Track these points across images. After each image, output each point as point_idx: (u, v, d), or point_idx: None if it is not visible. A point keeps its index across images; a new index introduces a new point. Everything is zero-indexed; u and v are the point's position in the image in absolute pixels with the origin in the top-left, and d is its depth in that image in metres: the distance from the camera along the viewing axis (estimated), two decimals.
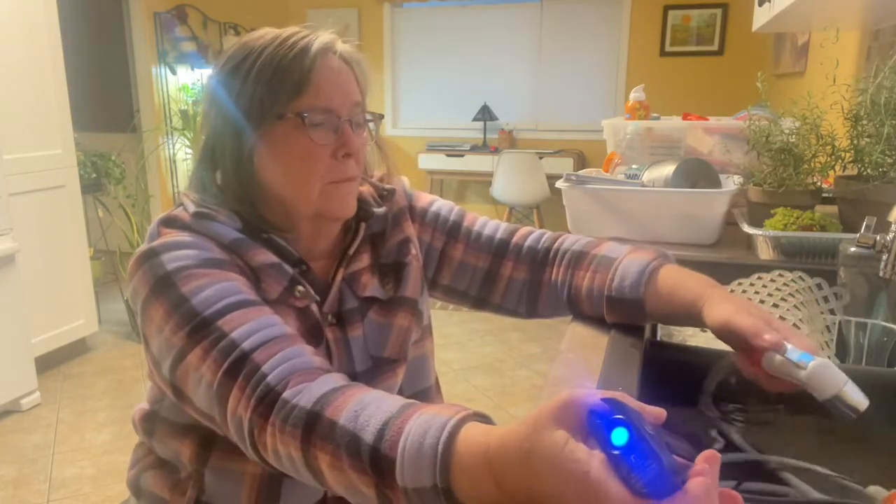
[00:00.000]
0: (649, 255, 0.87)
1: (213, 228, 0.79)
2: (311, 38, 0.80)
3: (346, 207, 0.84)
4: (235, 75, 0.80)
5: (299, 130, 0.79)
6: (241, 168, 0.81)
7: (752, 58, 4.51)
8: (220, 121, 0.82)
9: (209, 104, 0.83)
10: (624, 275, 0.85)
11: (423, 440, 0.53)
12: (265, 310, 0.73)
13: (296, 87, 0.78)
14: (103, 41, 4.72)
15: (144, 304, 0.74)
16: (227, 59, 0.82)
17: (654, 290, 0.83)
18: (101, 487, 2.24)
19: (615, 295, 0.85)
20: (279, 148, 0.80)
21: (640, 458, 0.41)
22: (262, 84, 0.78)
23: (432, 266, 0.98)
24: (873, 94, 1.14)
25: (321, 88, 0.79)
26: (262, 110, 0.79)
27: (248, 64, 0.79)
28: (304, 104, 0.79)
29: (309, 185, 0.81)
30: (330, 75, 0.80)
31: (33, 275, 2.92)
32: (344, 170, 0.82)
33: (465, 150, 5.17)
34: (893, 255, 0.83)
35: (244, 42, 0.82)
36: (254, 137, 0.80)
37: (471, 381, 3.07)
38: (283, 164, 0.81)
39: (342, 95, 0.81)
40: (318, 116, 0.79)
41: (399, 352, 0.90)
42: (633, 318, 0.86)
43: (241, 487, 0.83)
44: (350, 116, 0.82)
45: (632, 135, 1.96)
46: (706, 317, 0.74)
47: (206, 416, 0.71)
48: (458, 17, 5.37)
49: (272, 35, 0.81)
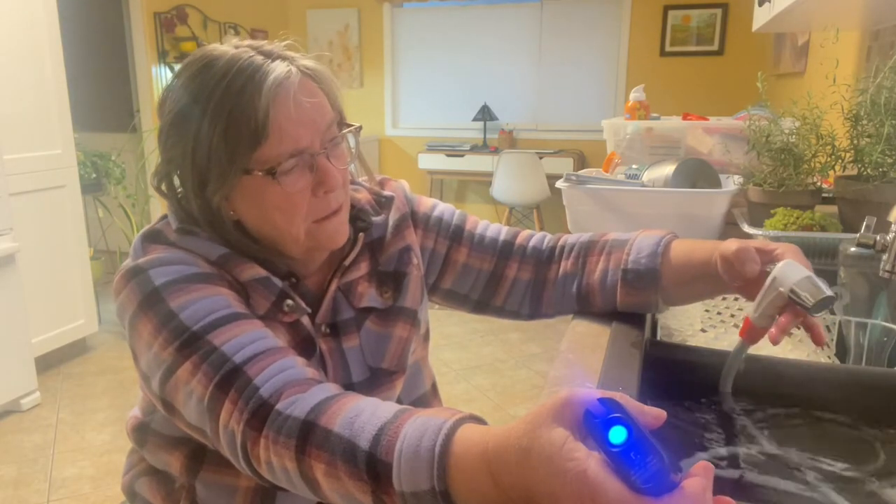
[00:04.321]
0: (661, 231, 0.90)
1: (199, 244, 0.77)
2: (263, 72, 0.71)
3: (336, 240, 0.80)
4: (188, 122, 0.72)
5: (270, 182, 0.73)
6: (212, 215, 0.76)
7: (752, 58, 4.50)
8: (179, 165, 0.75)
9: (165, 144, 0.76)
10: (640, 248, 0.87)
11: (420, 443, 0.53)
12: (255, 323, 0.72)
13: (254, 136, 0.70)
14: (103, 41, 4.72)
15: (132, 320, 0.72)
16: (179, 89, 0.74)
17: (670, 259, 0.85)
18: (101, 487, 2.24)
19: (632, 268, 0.86)
20: (254, 200, 0.75)
21: (640, 455, 0.41)
22: (218, 136, 0.70)
23: (434, 271, 0.96)
24: (873, 94, 1.14)
25: (284, 130, 0.72)
26: (222, 166, 0.72)
27: (199, 109, 0.71)
28: (269, 153, 0.71)
29: (293, 229, 0.76)
30: (289, 113, 0.72)
31: (33, 275, 2.92)
32: (328, 205, 0.77)
33: (465, 150, 5.16)
34: (893, 255, 0.83)
35: (195, 71, 0.73)
36: (221, 192, 0.74)
37: (471, 381, 3.07)
38: (261, 214, 0.76)
39: (310, 128, 0.74)
40: (287, 164, 0.72)
41: (398, 363, 0.88)
42: (646, 295, 0.86)
43: (234, 500, 0.82)
44: (325, 145, 0.75)
45: (632, 135, 1.96)
46: (721, 256, 0.78)
47: (196, 430, 0.70)
48: (458, 17, 5.37)
49: (222, 67, 0.72)
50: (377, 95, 5.62)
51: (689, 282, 0.84)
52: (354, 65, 5.57)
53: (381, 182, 0.96)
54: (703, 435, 0.76)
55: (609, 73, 5.11)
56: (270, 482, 0.64)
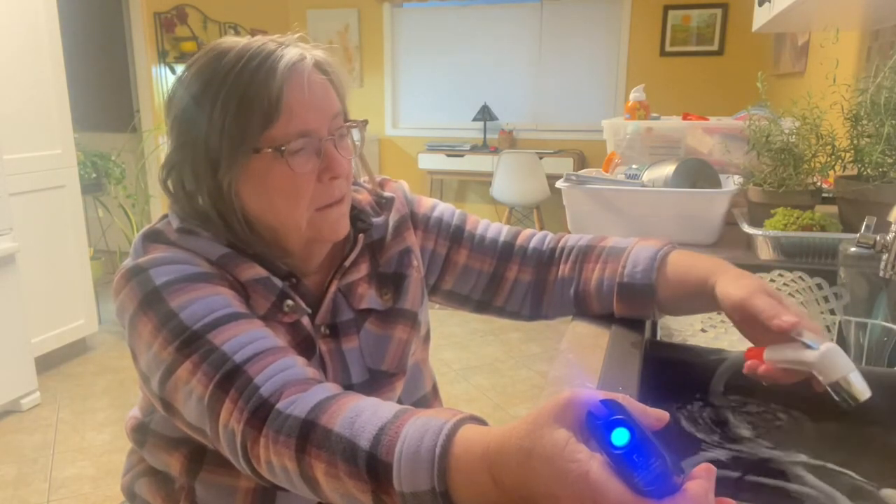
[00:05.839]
0: (659, 242, 0.88)
1: (200, 244, 0.77)
2: (276, 56, 0.73)
3: (338, 230, 0.81)
4: (201, 104, 0.74)
5: (278, 161, 0.74)
6: (221, 200, 0.77)
7: (752, 58, 4.50)
8: (191, 151, 0.76)
9: (178, 130, 0.77)
10: (636, 261, 0.85)
11: (420, 444, 0.52)
12: (256, 322, 0.72)
13: (266, 115, 0.72)
14: (103, 41, 4.72)
15: (132, 319, 0.72)
16: (191, 78, 0.75)
17: (666, 275, 0.83)
18: (101, 487, 2.24)
19: (627, 281, 0.85)
20: (260, 182, 0.76)
21: (643, 457, 0.41)
22: (231, 116, 0.72)
23: (435, 272, 0.96)
24: (873, 94, 1.14)
25: (295, 112, 0.73)
26: (234, 145, 0.73)
27: (212, 92, 0.73)
28: (279, 133, 0.73)
29: (296, 216, 0.77)
30: (302, 95, 0.74)
31: (33, 275, 2.92)
32: (332, 193, 0.78)
33: (465, 150, 5.16)
34: (893, 255, 0.83)
35: (207, 60, 0.75)
36: (231, 174, 0.75)
37: (471, 381, 3.07)
38: (266, 198, 0.77)
39: (319, 113, 0.75)
40: (296, 143, 0.74)
41: (398, 365, 0.88)
42: (642, 307, 0.85)
43: (234, 501, 0.82)
44: (331, 133, 0.77)
45: (632, 135, 1.96)
46: (719, 294, 0.74)
47: (196, 429, 0.70)
48: (458, 17, 5.37)
49: (235, 54, 0.74)
50: (377, 95, 5.61)
51: (684, 298, 0.82)
52: (354, 65, 5.57)
53: (381, 183, 0.95)
54: (703, 435, 0.76)
55: (609, 73, 5.11)
56: (270, 482, 0.64)
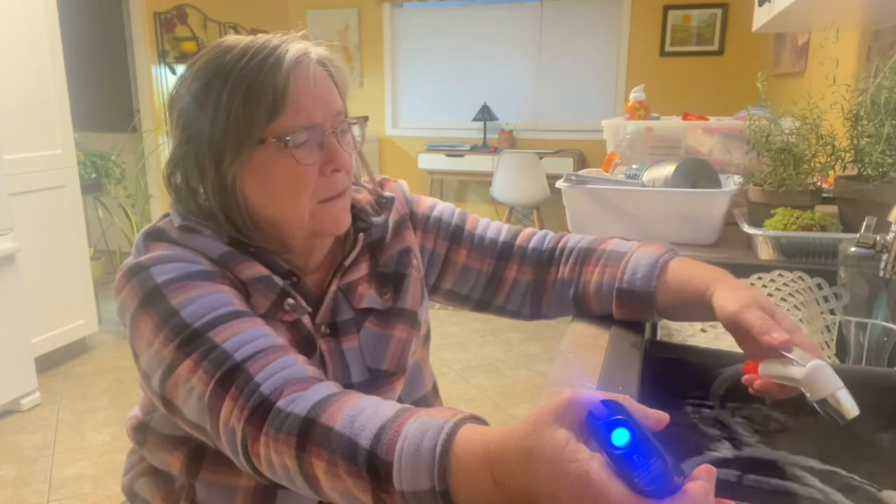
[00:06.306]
0: (660, 248, 0.87)
1: (201, 242, 0.77)
2: (282, 50, 0.74)
3: (339, 224, 0.81)
4: (207, 97, 0.75)
5: (282, 153, 0.75)
6: (225, 194, 0.78)
7: (752, 58, 4.51)
8: (195, 145, 0.77)
9: (182, 124, 0.78)
10: (636, 267, 0.85)
11: (421, 443, 0.53)
12: (256, 321, 0.72)
13: (272, 107, 0.73)
14: (103, 41, 4.72)
15: (133, 317, 0.72)
16: (196, 73, 0.76)
17: (665, 282, 0.83)
18: (101, 487, 2.24)
19: (626, 287, 0.84)
20: (264, 174, 0.76)
21: (643, 458, 0.41)
22: (236, 108, 0.73)
23: (435, 272, 0.96)
24: (873, 94, 1.14)
25: (300, 104, 0.74)
26: (239, 137, 0.74)
27: (218, 85, 0.74)
28: (284, 125, 0.74)
29: (299, 208, 0.78)
30: (307, 88, 0.75)
31: (33, 275, 2.92)
32: (334, 185, 0.79)
33: (465, 150, 5.16)
34: (893, 255, 0.83)
35: (212, 56, 0.76)
36: (235, 165, 0.76)
37: (471, 381, 3.07)
38: (269, 190, 0.77)
39: (323, 107, 0.77)
40: (300, 135, 0.75)
41: (397, 365, 0.88)
42: (641, 313, 0.85)
43: (234, 500, 0.82)
44: (334, 127, 0.78)
45: (632, 135, 1.96)
46: (715, 305, 0.74)
47: (196, 427, 0.70)
48: (458, 17, 5.37)
49: (241, 49, 0.75)
50: (377, 95, 5.62)
51: (683, 307, 0.82)
52: (354, 65, 5.57)
53: (381, 182, 0.95)
54: (703, 435, 0.76)
55: (609, 73, 5.11)
56: (270, 480, 0.64)
